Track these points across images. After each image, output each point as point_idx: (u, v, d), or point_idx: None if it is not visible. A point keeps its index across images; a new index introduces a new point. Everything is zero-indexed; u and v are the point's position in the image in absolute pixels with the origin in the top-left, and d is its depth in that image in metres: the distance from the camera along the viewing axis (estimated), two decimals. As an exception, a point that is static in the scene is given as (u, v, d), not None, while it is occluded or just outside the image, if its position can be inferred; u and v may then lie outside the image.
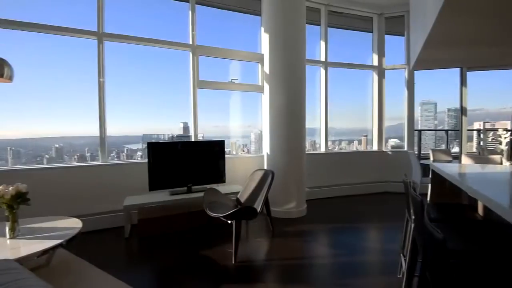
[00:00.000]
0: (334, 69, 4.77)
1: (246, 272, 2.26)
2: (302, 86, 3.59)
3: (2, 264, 1.39)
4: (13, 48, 3.11)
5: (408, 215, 1.96)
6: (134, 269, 2.35)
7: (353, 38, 5.21)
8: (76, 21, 3.24)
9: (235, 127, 4.45)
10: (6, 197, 1.87)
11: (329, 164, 4.63)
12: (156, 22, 3.88)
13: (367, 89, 5.21)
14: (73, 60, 3.46)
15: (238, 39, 4.34)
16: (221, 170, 3.58)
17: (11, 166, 3.18)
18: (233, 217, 2.38)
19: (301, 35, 3.55)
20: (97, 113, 3.32)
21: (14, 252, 1.79)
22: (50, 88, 3.35)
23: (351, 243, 2.81)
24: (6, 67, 1.99)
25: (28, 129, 3.30)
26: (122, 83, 3.59)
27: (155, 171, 3.21)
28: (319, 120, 4.73)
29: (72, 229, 2.11)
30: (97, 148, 3.49)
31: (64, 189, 3.06)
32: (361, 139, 5.35)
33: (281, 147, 3.50)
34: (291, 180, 3.49)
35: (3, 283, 1.23)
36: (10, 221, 1.96)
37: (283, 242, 2.82)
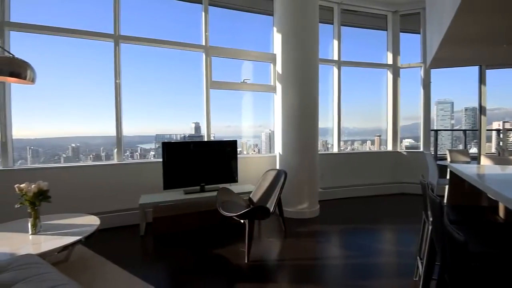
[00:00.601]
0: (347, 68, 4.72)
1: (259, 271, 2.26)
2: (315, 86, 3.56)
3: (26, 258, 1.45)
4: (35, 51, 3.24)
5: (425, 217, 1.91)
6: (149, 266, 2.40)
7: (367, 37, 5.12)
8: (93, 24, 3.34)
9: (246, 127, 4.47)
10: (29, 194, 1.95)
11: (342, 165, 4.58)
12: (169, 23, 3.95)
13: (381, 88, 5.12)
14: (89, 62, 3.56)
15: (250, 39, 4.35)
16: (234, 169, 3.60)
17: (30, 164, 3.30)
18: (246, 216, 2.40)
19: (314, 34, 3.53)
20: (112, 113, 3.42)
21: (36, 247, 1.86)
22: (67, 89, 3.46)
23: (365, 244, 2.77)
24: (29, 69, 2.07)
25: (46, 129, 3.42)
26: (136, 84, 3.65)
27: (170, 170, 3.27)
28: (331, 119, 4.69)
29: (90, 226, 2.18)
30: (112, 147, 3.60)
31: (82, 187, 3.17)
32: (374, 139, 5.26)
33: (293, 147, 3.49)
34: (303, 180, 3.48)
35: (27, 276, 1.29)
36: (32, 217, 2.04)
37: (296, 243, 2.81)
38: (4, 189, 2.79)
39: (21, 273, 1.30)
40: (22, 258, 1.45)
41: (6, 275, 1.30)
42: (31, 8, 3.19)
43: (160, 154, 3.89)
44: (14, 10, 3.05)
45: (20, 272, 1.31)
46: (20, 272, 1.31)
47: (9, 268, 1.35)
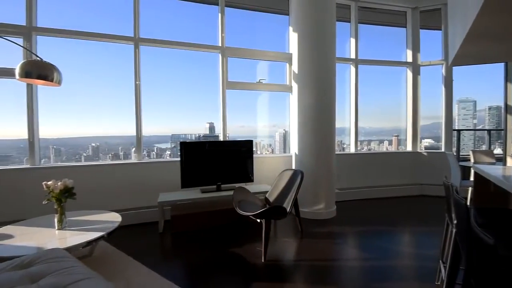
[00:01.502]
0: (363, 66, 4.62)
1: (276, 271, 2.26)
2: (332, 85, 3.52)
3: (54, 252, 1.53)
4: (59, 54, 3.39)
5: (449, 219, 1.85)
6: (168, 263, 2.45)
7: (385, 34, 5.00)
8: (114, 28, 3.46)
9: (260, 127, 4.48)
10: (56, 191, 2.04)
11: (360, 165, 4.49)
12: (186, 25, 4.02)
13: (400, 87, 4.98)
14: (110, 64, 3.70)
15: (265, 39, 4.36)
16: (249, 169, 3.62)
17: (53, 163, 3.44)
18: (263, 216, 2.40)
19: (331, 33, 3.49)
20: (130, 114, 3.52)
21: (62, 242, 1.95)
22: (89, 90, 3.59)
23: (383, 247, 2.71)
24: (56, 72, 2.17)
25: (68, 129, 3.56)
26: (152, 84, 3.72)
27: (187, 169, 3.33)
28: (347, 119, 4.61)
29: (112, 222, 2.25)
30: (130, 147, 3.71)
31: (103, 185, 3.28)
32: (392, 139, 5.13)
33: (309, 147, 3.46)
34: (320, 180, 3.44)
35: (57, 269, 1.35)
36: (58, 213, 2.14)
37: (312, 243, 2.79)
38: (31, 186, 2.95)
39: (51, 266, 1.37)
40: (50, 252, 1.52)
41: (36, 268, 1.37)
42: (56, 13, 3.33)
43: (176, 153, 3.99)
44: (41, 15, 3.20)
45: (49, 265, 1.38)
46: (50, 265, 1.38)
47: (39, 261, 1.42)
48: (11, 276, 1.29)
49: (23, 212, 2.78)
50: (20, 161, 3.32)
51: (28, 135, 3.11)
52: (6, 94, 3.25)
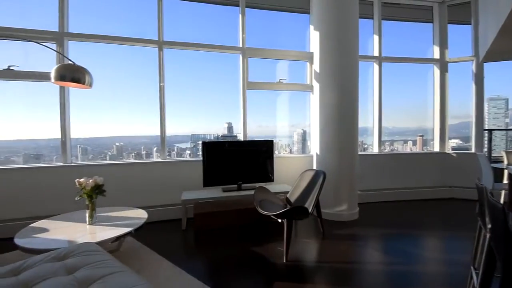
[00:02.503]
0: (386, 64, 4.48)
1: (297, 271, 2.25)
2: (355, 84, 3.43)
3: (87, 246, 1.61)
4: (88, 57, 3.55)
5: (482, 224, 1.76)
6: (190, 259, 2.50)
7: (410, 30, 4.83)
8: (138, 32, 3.59)
9: (278, 127, 4.46)
10: (87, 188, 2.14)
11: (383, 166, 4.36)
12: (207, 27, 4.08)
13: (426, 85, 4.79)
14: (135, 67, 3.84)
15: (285, 39, 4.35)
16: (270, 169, 3.63)
17: (81, 162, 3.60)
18: (284, 216, 2.40)
19: (354, 30, 3.41)
20: (152, 114, 3.64)
21: (93, 236, 2.05)
22: (113, 91, 3.73)
23: (409, 251, 2.61)
24: (87, 75, 2.28)
25: (94, 129, 3.71)
26: (173, 85, 3.78)
27: (209, 169, 3.39)
28: (369, 118, 4.49)
29: (139, 219, 2.34)
30: (152, 146, 3.85)
31: (129, 182, 3.41)
32: (417, 140, 4.94)
33: (331, 147, 3.40)
34: (342, 181, 3.37)
35: (90, 262, 1.42)
36: (89, 209, 2.25)
37: (334, 245, 2.75)
38: (63, 183, 3.13)
39: (85, 259, 1.44)
40: (83, 245, 1.61)
41: (72, 260, 1.45)
42: (85, 19, 3.50)
43: (195, 153, 4.08)
44: (71, 22, 3.37)
45: (83, 258, 1.46)
46: (84, 258, 1.46)
47: (74, 254, 1.51)
48: (50, 267, 1.37)
49: (56, 207, 2.95)
50: (50, 160, 3.53)
51: (60, 135, 3.30)
52: (39, 96, 3.45)
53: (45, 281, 1.25)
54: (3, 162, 3.40)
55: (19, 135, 3.47)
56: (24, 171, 3.15)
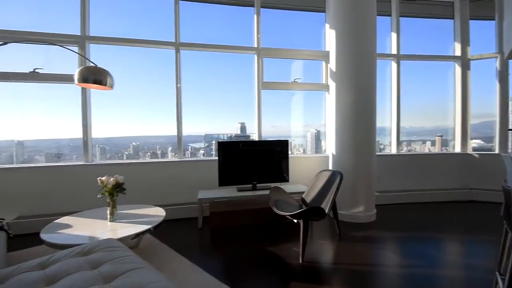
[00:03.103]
0: (403, 62, 4.36)
1: (314, 272, 2.23)
2: (372, 82, 3.36)
3: (109, 242, 1.65)
4: (106, 59, 3.65)
5: (508, 227, 1.68)
6: (207, 257, 2.53)
7: (429, 27, 4.69)
8: (155, 34, 3.67)
9: (292, 127, 4.44)
10: (109, 186, 2.21)
11: (401, 167, 4.25)
12: (222, 27, 4.11)
13: (445, 83, 4.65)
14: (151, 68, 3.93)
15: (300, 38, 4.33)
16: (285, 169, 3.61)
17: (99, 161, 3.69)
18: (301, 216, 2.38)
19: (371, 28, 3.34)
20: (166, 114, 3.75)
21: (114, 233, 2.10)
22: (130, 92, 3.82)
23: (429, 254, 2.53)
24: (109, 77, 2.35)
25: (112, 128, 3.81)
26: (187, 86, 3.82)
27: (224, 168, 3.42)
28: (386, 118, 4.39)
29: (157, 216, 2.39)
30: (166, 146, 3.94)
31: (147, 181, 3.49)
32: (435, 140, 4.78)
33: (348, 147, 3.34)
34: (359, 182, 3.31)
35: (112, 258, 1.46)
36: (110, 206, 2.31)
37: (351, 247, 2.70)
38: (85, 180, 3.24)
39: (107, 255, 1.49)
40: (106, 241, 1.66)
41: (95, 255, 1.49)
42: (105, 23, 3.62)
43: (209, 153, 4.14)
44: (92, 25, 3.49)
45: (106, 253, 1.50)
46: (106, 253, 1.50)
47: (97, 249, 1.55)
48: (75, 262, 1.42)
49: (78, 204, 3.06)
50: (70, 158, 3.67)
51: (82, 134, 3.41)
52: (60, 98, 3.58)
53: (71, 275, 1.30)
54: (26, 160, 3.57)
55: (42, 135, 3.62)
56: (49, 169, 3.28)
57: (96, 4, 3.50)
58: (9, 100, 3.44)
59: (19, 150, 3.56)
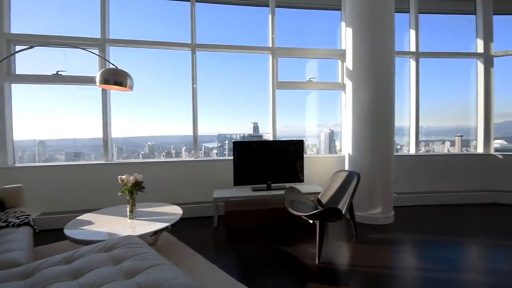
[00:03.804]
0: (423, 60, 4.23)
1: (330, 274, 2.21)
2: (391, 81, 3.28)
3: (130, 239, 1.70)
4: (125, 61, 3.74)
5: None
6: (223, 256, 2.56)
7: (449, 23, 4.53)
8: (171, 36, 3.75)
9: (304, 126, 4.40)
10: (129, 184, 2.27)
11: (420, 168, 4.13)
12: (237, 28, 4.14)
13: (466, 81, 4.48)
14: (165, 69, 4.03)
15: (315, 37, 4.29)
16: (300, 169, 3.59)
17: (119, 160, 3.80)
18: (317, 217, 2.36)
19: (389, 25, 3.26)
20: (181, 114, 3.87)
21: (133, 230, 2.16)
22: (146, 93, 3.87)
23: (450, 258, 2.45)
24: (129, 78, 2.42)
25: (128, 128, 3.90)
26: (200, 86, 3.83)
27: (240, 168, 3.44)
28: (403, 118, 4.27)
29: (175, 214, 2.43)
30: (180, 146, 4.03)
31: (163, 179, 3.55)
32: (455, 140, 4.62)
33: (365, 147, 3.28)
34: (376, 183, 3.24)
35: (134, 254, 1.50)
36: (129, 204, 2.37)
37: (368, 249, 2.65)
38: (105, 179, 3.34)
39: (129, 251, 1.53)
40: (127, 238, 1.70)
41: (117, 251, 1.54)
42: (123, 26, 3.72)
43: (222, 152, 4.18)
44: (112, 28, 3.60)
45: (127, 250, 1.54)
46: (128, 250, 1.54)
47: (119, 246, 1.60)
48: (98, 257, 1.47)
49: (98, 202, 3.16)
50: (89, 157, 3.79)
51: (102, 134, 3.52)
52: (81, 99, 3.71)
53: (95, 270, 1.34)
54: (48, 159, 3.72)
55: (62, 134, 3.77)
56: (71, 168, 3.41)
57: (115, 8, 3.60)
58: (32, 102, 3.60)
59: (41, 149, 3.71)
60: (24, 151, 3.59)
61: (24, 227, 2.11)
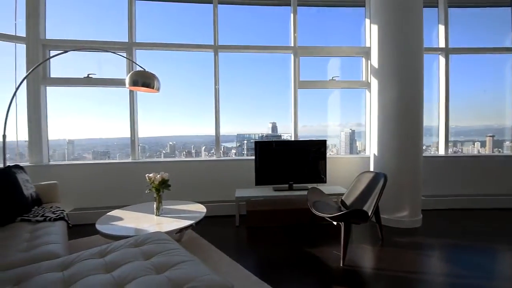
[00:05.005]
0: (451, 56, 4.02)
1: (355, 277, 2.15)
2: (419, 79, 3.14)
3: (159, 235, 1.75)
4: (150, 63, 3.87)
5: None
6: (245, 254, 2.57)
7: (481, 17, 4.28)
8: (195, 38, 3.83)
9: (324, 126, 4.32)
10: (156, 182, 2.34)
11: (450, 170, 3.93)
12: (259, 28, 4.15)
13: (500, 78, 4.21)
14: (186, 71, 4.12)
15: (337, 35, 4.20)
16: (322, 170, 3.54)
17: (145, 159, 3.94)
18: (342, 219, 2.31)
19: (418, 21, 3.13)
20: (201, 114, 3.98)
21: (160, 227, 2.22)
22: (168, 93, 3.92)
23: (483, 264, 2.32)
24: (156, 80, 2.50)
25: (151, 128, 4.00)
26: (221, 87, 3.88)
27: (261, 168, 3.45)
28: (431, 117, 4.09)
29: (199, 212, 2.48)
30: (200, 145, 4.12)
31: (186, 178, 3.62)
32: (486, 140, 4.36)
33: (392, 147, 3.16)
34: (404, 185, 3.12)
35: (163, 250, 1.54)
36: (156, 201, 2.45)
37: (395, 253, 2.56)
38: (132, 176, 3.47)
39: (158, 247, 1.57)
40: (155, 234, 1.75)
41: (147, 247, 1.58)
42: (148, 29, 3.84)
43: (240, 152, 4.21)
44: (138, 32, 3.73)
45: (157, 245, 1.59)
46: (157, 245, 1.59)
47: (149, 241, 1.65)
48: (130, 252, 1.52)
49: (125, 198, 3.29)
50: (114, 156, 3.95)
51: (130, 134, 3.66)
52: (108, 100, 3.90)
53: (127, 264, 1.39)
54: (76, 158, 3.92)
55: (90, 134, 3.96)
56: (101, 166, 3.58)
57: (141, 12, 3.73)
58: (61, 103, 3.78)
59: (70, 148, 3.91)
60: (55, 150, 3.79)
61: (60, 221, 2.23)
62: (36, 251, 1.66)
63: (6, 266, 1.45)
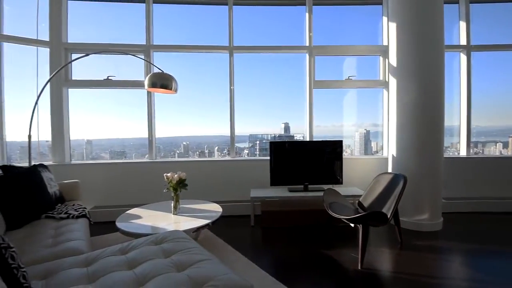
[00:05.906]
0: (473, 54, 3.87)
1: (374, 280, 2.11)
2: (440, 77, 3.04)
3: (177, 233, 1.77)
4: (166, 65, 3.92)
5: None
6: (261, 255, 2.56)
7: (504, 13, 4.09)
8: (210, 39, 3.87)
9: (337, 126, 4.26)
10: (173, 182, 2.37)
11: (472, 171, 3.79)
12: (273, 28, 4.14)
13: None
14: (200, 72, 4.15)
15: (353, 33, 4.13)
16: (338, 171, 3.49)
17: (161, 159, 4.00)
18: (360, 221, 2.27)
19: (438, 18, 3.04)
20: (214, 115, 4.04)
21: (178, 225, 2.25)
22: (182, 94, 3.98)
23: (505, 270, 2.22)
24: (174, 82, 2.54)
25: (165, 129, 4.05)
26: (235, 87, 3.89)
27: (276, 168, 3.44)
28: (451, 117, 3.95)
29: (215, 212, 2.50)
30: (213, 146, 4.16)
31: (202, 178, 3.66)
32: (508, 141, 4.17)
33: (411, 148, 3.08)
34: (423, 187, 3.03)
35: (182, 248, 1.56)
36: (174, 200, 2.49)
37: (414, 256, 2.49)
38: (150, 176, 3.54)
39: (177, 245, 1.59)
40: (175, 233, 1.78)
41: (167, 245, 1.61)
42: (164, 32, 3.91)
43: (253, 152, 4.21)
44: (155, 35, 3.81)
45: (176, 244, 1.61)
46: (177, 244, 1.61)
47: (168, 239, 1.68)
48: (150, 249, 1.56)
49: (143, 197, 3.36)
50: (129, 156, 4.05)
51: (148, 135, 3.74)
52: (126, 101, 3.98)
53: (148, 261, 1.42)
54: (94, 157, 4.04)
55: (109, 134, 4.08)
56: (120, 165, 3.68)
57: (158, 15, 3.80)
58: (80, 104, 3.90)
59: (88, 148, 4.03)
60: (74, 150, 3.92)
61: (82, 218, 2.30)
62: (61, 247, 1.73)
63: (33, 261, 1.51)
